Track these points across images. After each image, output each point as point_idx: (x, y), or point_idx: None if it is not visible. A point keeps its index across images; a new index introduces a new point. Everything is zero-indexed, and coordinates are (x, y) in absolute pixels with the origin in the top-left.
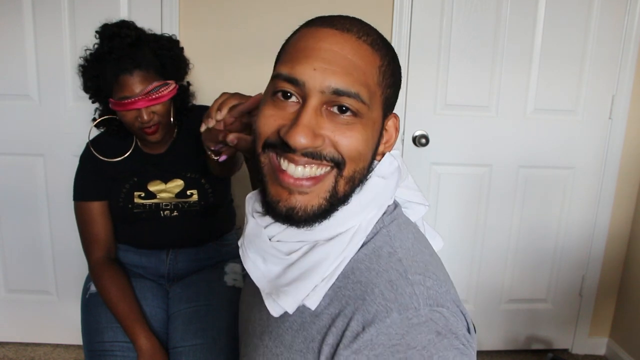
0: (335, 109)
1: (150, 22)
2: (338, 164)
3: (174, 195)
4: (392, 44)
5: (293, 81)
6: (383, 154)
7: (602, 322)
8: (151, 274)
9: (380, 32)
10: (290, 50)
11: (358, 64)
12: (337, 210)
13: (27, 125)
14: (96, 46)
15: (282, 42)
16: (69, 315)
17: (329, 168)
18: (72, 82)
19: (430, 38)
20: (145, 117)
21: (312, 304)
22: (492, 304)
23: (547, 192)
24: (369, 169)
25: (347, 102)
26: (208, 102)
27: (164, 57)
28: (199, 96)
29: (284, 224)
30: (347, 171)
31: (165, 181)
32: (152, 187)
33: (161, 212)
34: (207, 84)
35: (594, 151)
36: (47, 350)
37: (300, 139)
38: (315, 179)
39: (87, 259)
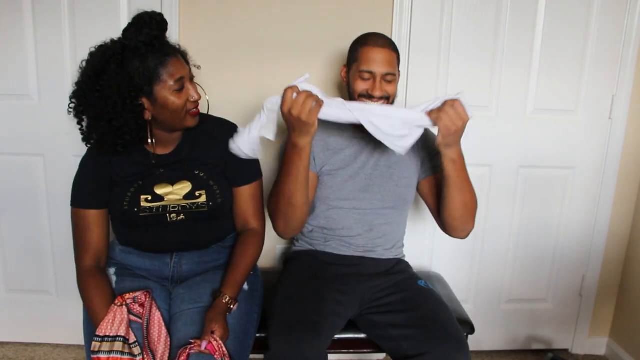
0: (386, 78)
1: None
2: (388, 98)
3: (181, 197)
4: None
5: (369, 72)
6: None
7: (602, 322)
8: (155, 277)
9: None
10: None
11: (392, 59)
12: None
13: (27, 125)
14: (122, 42)
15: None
16: (69, 315)
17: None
18: (72, 82)
19: (430, 38)
20: (196, 96)
21: None
22: (492, 304)
23: (547, 192)
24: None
25: (389, 77)
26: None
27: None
28: None
29: None
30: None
31: (172, 183)
32: (159, 190)
33: (168, 216)
34: (207, 85)
35: (593, 151)
36: (47, 350)
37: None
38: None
39: (76, 263)
